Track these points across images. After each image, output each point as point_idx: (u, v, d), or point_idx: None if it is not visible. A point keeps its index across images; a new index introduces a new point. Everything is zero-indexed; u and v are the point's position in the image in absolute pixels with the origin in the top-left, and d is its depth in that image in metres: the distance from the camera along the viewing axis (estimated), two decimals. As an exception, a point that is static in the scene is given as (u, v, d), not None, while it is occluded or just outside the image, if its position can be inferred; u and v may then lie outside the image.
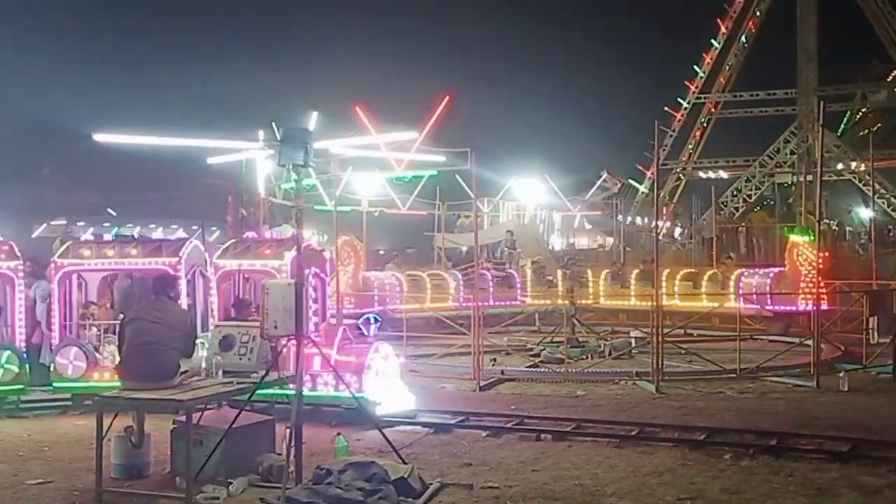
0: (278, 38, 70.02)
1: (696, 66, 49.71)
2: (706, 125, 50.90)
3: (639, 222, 45.92)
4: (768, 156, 46.34)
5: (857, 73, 50.73)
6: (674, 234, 44.96)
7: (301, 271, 8.79)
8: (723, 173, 49.32)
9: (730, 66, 49.32)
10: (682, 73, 50.43)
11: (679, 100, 49.92)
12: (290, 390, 8.81)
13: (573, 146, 52.73)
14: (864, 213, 40.86)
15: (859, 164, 40.77)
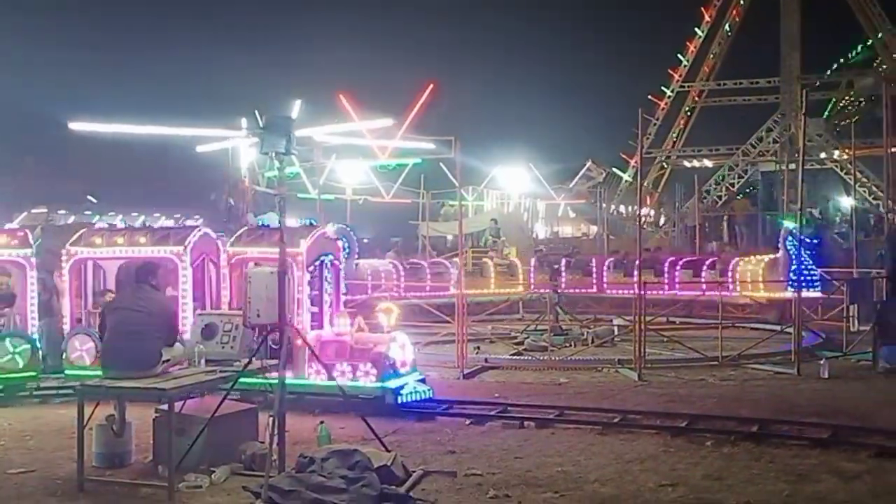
0: (262, 25, 69.70)
1: (679, 55, 49.80)
2: (690, 114, 51.02)
3: (623, 210, 46.01)
4: (751, 144, 46.49)
5: (840, 62, 50.96)
6: (659, 222, 45.09)
7: (285, 259, 8.76)
8: (707, 162, 49.47)
9: (714, 54, 49.40)
10: (665, 61, 50.56)
11: (663, 88, 50.00)
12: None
13: (557, 135, 52.83)
14: (845, 202, 41.11)
15: (841, 153, 40.96)
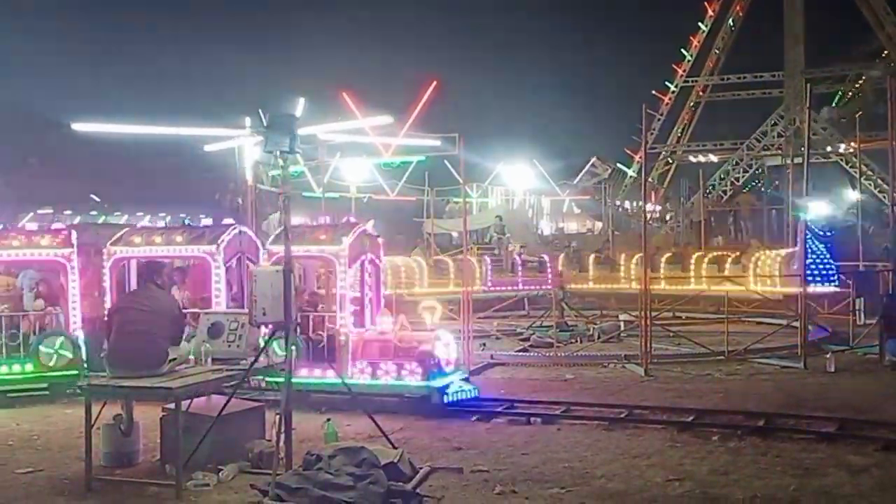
0: (264, 23, 69.58)
1: (683, 50, 49.74)
2: (694, 109, 50.92)
3: (628, 206, 45.97)
4: (756, 138, 46.38)
5: (845, 55, 50.66)
6: (665, 217, 45.05)
7: (290, 257, 8.77)
8: (712, 157, 49.38)
9: (717, 49, 49.32)
10: (669, 57, 50.48)
11: (667, 83, 49.94)
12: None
13: (561, 131, 52.81)
14: (851, 196, 40.97)
15: (847, 147, 40.84)
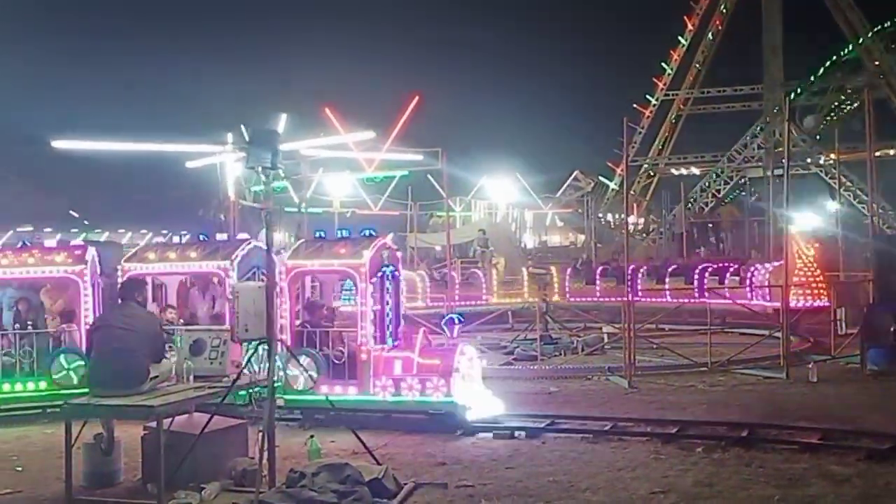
0: (247, 39, 69.68)
1: (664, 64, 50.14)
2: (675, 122, 51.30)
3: (610, 219, 46.17)
4: (736, 151, 46.73)
5: (825, 66, 51.06)
6: (648, 230, 45.26)
7: (273, 272, 8.75)
8: (694, 169, 49.73)
9: (698, 63, 49.75)
10: (649, 70, 50.89)
11: (648, 97, 50.31)
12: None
13: (544, 145, 53.15)
14: (831, 206, 41.27)
15: (827, 158, 41.16)
